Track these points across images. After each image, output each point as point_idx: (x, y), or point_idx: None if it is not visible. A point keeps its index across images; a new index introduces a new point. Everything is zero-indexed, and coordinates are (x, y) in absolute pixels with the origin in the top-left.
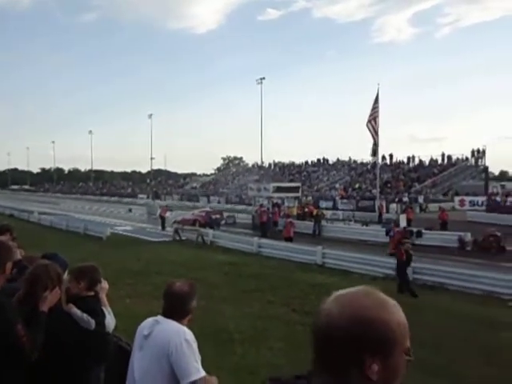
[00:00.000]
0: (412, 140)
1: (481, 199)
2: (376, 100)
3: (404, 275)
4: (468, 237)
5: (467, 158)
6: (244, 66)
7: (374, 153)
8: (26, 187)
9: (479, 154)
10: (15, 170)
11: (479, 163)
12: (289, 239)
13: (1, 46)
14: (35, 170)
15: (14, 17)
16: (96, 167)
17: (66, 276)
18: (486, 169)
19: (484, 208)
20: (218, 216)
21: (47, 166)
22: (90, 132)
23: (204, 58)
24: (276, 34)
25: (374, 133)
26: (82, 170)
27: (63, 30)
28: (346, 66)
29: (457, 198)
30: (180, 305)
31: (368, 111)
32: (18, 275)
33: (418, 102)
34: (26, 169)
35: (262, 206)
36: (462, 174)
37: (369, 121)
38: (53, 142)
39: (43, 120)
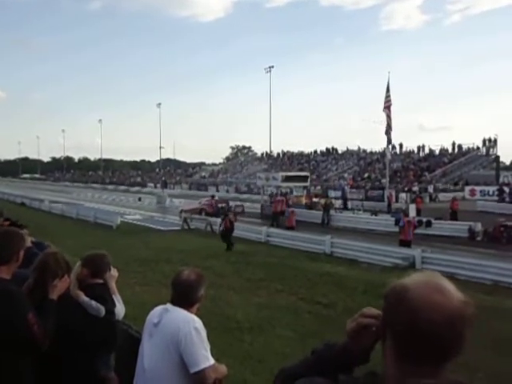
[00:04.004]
0: (420, 129)
1: (492, 189)
2: (387, 89)
3: (229, 238)
4: (478, 227)
5: (478, 148)
6: (252, 55)
7: (390, 141)
8: (37, 176)
9: (491, 143)
10: (26, 159)
11: (490, 152)
12: (291, 228)
13: (9, 34)
14: (46, 158)
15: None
16: (105, 156)
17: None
18: (497, 158)
19: (495, 198)
20: (224, 205)
21: (57, 155)
22: (100, 121)
23: (212, 47)
24: (283, 21)
25: (389, 120)
26: (92, 158)
27: (71, 19)
28: (354, 53)
29: (467, 188)
30: (188, 293)
31: (377, 99)
32: (27, 262)
33: (425, 90)
34: (36, 158)
35: (276, 195)
36: (473, 163)
37: (384, 108)
38: (63, 130)
39: (53, 109)
